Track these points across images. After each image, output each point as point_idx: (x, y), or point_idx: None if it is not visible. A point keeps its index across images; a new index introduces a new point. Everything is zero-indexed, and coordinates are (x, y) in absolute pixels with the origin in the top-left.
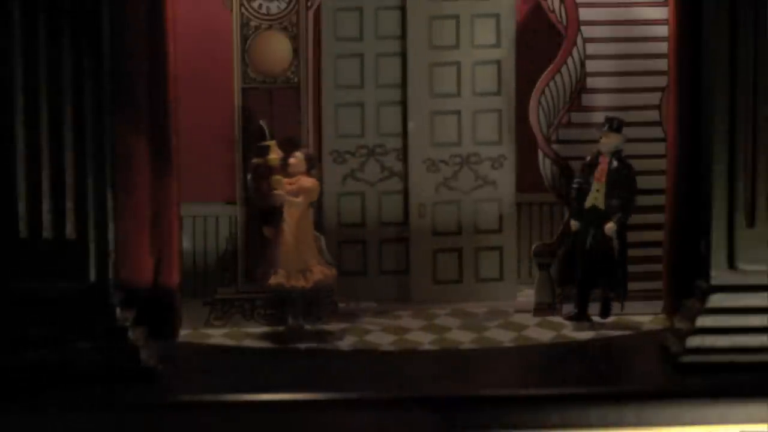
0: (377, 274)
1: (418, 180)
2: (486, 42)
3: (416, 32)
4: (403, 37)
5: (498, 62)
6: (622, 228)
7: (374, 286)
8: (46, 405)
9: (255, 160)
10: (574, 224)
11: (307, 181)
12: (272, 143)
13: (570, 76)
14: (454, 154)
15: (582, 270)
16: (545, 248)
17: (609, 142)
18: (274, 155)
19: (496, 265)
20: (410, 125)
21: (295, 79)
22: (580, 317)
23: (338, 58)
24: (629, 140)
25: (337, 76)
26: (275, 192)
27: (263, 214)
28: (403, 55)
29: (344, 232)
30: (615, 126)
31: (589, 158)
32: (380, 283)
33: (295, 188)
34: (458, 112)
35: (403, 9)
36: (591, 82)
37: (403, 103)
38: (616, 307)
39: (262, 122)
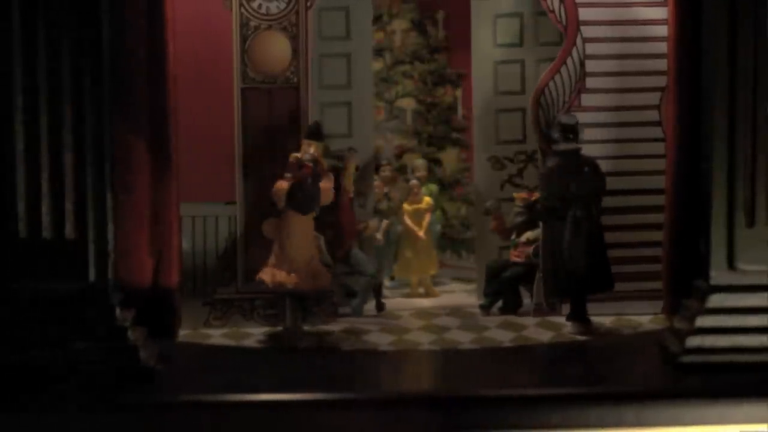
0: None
1: (483, 177)
2: (549, 40)
3: (480, 30)
4: (348, 37)
5: None
6: None
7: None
8: (45, 405)
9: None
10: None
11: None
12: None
13: (569, 76)
14: (519, 151)
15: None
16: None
17: None
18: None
19: None
20: (475, 124)
21: (295, 79)
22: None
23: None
24: (629, 140)
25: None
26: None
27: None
28: (348, 56)
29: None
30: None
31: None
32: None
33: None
34: (522, 110)
35: (347, 10)
36: (590, 82)
37: (349, 104)
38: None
39: (318, 121)
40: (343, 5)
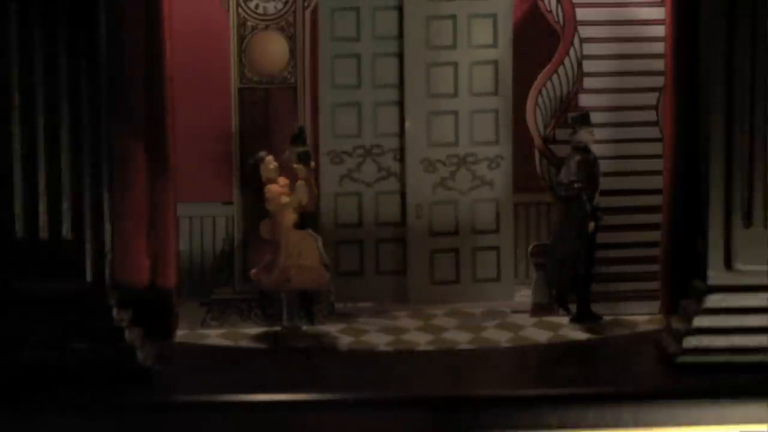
0: (374, 274)
1: (415, 180)
2: (483, 42)
3: (413, 32)
4: (400, 37)
5: (495, 62)
6: None
7: (371, 287)
8: (43, 405)
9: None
10: (592, 225)
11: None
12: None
13: (567, 76)
14: (451, 154)
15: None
16: (542, 249)
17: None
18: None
19: (493, 266)
20: (407, 125)
21: (292, 80)
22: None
23: (335, 58)
24: (627, 140)
25: (334, 76)
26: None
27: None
28: (401, 56)
29: (341, 232)
30: (589, 119)
31: (590, 156)
32: (377, 283)
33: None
34: (455, 113)
35: (400, 9)
36: (588, 82)
37: (401, 104)
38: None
39: (297, 125)
40: (396, 5)
